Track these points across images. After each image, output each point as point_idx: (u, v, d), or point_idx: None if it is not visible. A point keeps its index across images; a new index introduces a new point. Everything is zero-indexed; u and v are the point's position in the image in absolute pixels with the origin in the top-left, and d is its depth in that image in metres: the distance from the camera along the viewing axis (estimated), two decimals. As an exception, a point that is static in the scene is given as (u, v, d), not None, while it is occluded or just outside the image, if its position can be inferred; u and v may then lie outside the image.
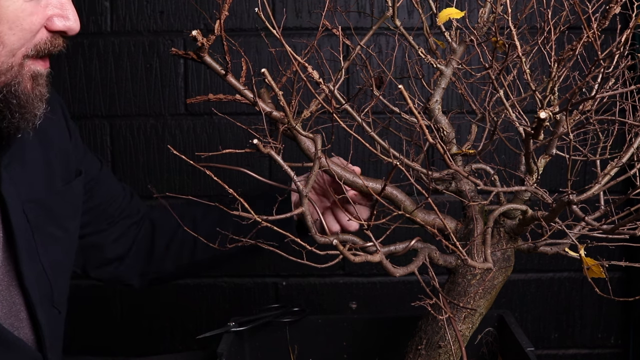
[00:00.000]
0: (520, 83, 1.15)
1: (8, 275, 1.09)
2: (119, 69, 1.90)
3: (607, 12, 0.89)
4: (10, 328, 1.10)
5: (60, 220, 1.20)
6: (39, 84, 1.04)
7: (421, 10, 1.15)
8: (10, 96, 1.01)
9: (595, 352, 2.02)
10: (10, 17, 0.96)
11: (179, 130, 1.91)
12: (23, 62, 1.00)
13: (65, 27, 1.02)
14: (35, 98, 1.03)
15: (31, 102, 1.03)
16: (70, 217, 1.24)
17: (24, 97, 1.02)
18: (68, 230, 1.23)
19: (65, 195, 1.22)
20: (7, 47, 0.98)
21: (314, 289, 1.98)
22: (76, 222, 1.26)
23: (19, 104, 1.02)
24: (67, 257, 1.23)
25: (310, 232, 0.97)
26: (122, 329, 2.00)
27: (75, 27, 1.03)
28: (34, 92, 1.03)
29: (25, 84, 1.02)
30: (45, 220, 1.16)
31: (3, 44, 0.97)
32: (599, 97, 0.93)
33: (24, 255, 1.10)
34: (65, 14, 1.02)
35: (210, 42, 1.00)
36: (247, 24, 1.88)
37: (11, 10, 0.96)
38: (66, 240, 1.22)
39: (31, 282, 1.11)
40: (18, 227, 1.10)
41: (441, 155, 0.93)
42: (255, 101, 1.03)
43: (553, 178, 1.89)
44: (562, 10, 1.03)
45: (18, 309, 1.11)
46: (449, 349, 1.12)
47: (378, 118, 1.13)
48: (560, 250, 1.08)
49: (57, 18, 1.02)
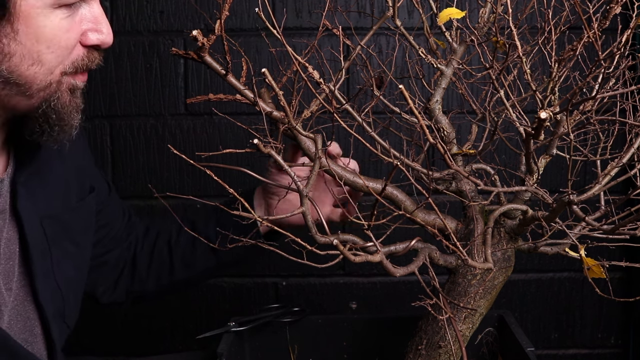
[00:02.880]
0: (521, 83, 1.15)
1: (23, 291, 1.10)
2: (119, 69, 1.90)
3: (608, 12, 0.89)
4: (24, 343, 1.10)
5: (74, 236, 1.21)
6: (76, 96, 1.04)
7: (421, 10, 1.15)
8: (49, 111, 1.01)
9: (595, 352, 2.02)
10: (49, 36, 0.96)
11: (179, 130, 1.91)
12: (61, 79, 1.01)
13: (99, 40, 1.02)
14: (73, 110, 1.04)
15: (69, 114, 1.03)
16: (83, 233, 1.25)
17: (63, 110, 1.02)
18: (80, 246, 1.23)
19: (79, 211, 1.23)
20: (46, 65, 0.98)
21: (314, 289, 1.98)
22: (88, 238, 1.26)
23: (58, 117, 1.02)
24: (79, 273, 1.24)
25: (310, 232, 0.97)
26: (122, 329, 2.00)
27: (108, 40, 1.03)
28: (71, 104, 1.04)
29: (64, 98, 1.02)
30: (61, 235, 1.17)
31: (41, 63, 0.97)
32: (600, 97, 0.93)
33: (39, 271, 1.11)
34: (99, 27, 1.02)
35: (211, 42, 1.00)
36: (247, 24, 1.88)
37: (49, 29, 0.96)
38: (78, 256, 1.23)
39: (46, 298, 1.12)
40: (34, 243, 1.10)
41: (441, 155, 0.93)
42: (256, 101, 1.03)
43: (553, 178, 1.89)
44: (563, 10, 1.03)
45: (32, 324, 1.12)
46: (449, 349, 1.12)
47: (378, 118, 1.13)
48: (560, 250, 1.08)
49: (91, 32, 1.02)
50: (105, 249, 1.34)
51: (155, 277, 1.39)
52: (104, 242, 1.32)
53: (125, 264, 1.38)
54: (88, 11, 1.01)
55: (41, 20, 0.95)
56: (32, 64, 0.96)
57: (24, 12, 0.93)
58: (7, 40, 0.94)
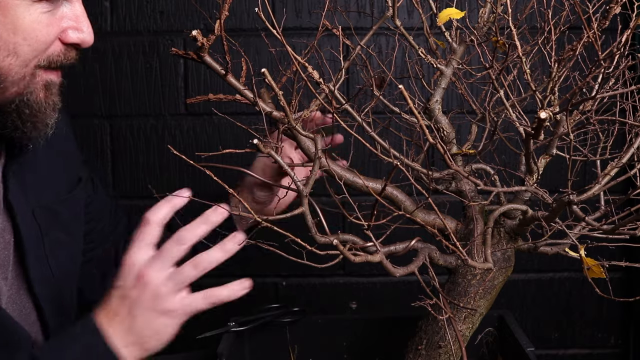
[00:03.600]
0: (521, 83, 1.15)
1: (18, 279, 1.10)
2: (119, 69, 1.90)
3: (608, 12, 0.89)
4: None
5: (66, 226, 1.21)
6: (52, 93, 1.03)
7: (421, 10, 1.15)
8: (22, 106, 1.01)
9: (596, 352, 2.02)
10: (27, 28, 0.96)
11: (179, 130, 1.91)
12: (35, 72, 1.00)
13: (79, 39, 1.02)
14: (48, 107, 1.03)
15: (43, 112, 1.03)
16: (75, 223, 1.25)
17: (36, 106, 1.01)
18: (72, 236, 1.23)
19: (70, 201, 1.23)
20: (21, 57, 0.97)
21: (314, 289, 1.98)
22: (80, 229, 1.27)
23: (31, 114, 1.01)
24: (73, 262, 1.24)
25: (310, 232, 0.97)
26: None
27: (89, 40, 1.03)
28: (47, 101, 1.03)
29: (38, 94, 1.01)
30: (54, 225, 1.17)
31: (17, 55, 0.97)
32: (599, 97, 0.93)
33: (33, 260, 1.11)
34: (80, 26, 1.01)
35: (210, 42, 1.00)
36: (247, 24, 1.88)
37: (27, 21, 0.96)
38: (72, 246, 1.23)
39: (39, 286, 1.11)
40: (27, 233, 1.10)
41: (441, 155, 0.93)
42: (255, 101, 1.03)
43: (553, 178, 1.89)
44: (563, 10, 1.03)
45: (28, 312, 1.12)
46: (449, 349, 1.12)
47: (378, 118, 1.13)
48: (560, 250, 1.08)
49: (72, 30, 1.01)
50: (92, 245, 1.34)
51: None
52: (91, 237, 1.32)
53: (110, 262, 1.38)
54: (70, 9, 1.01)
55: (20, 11, 0.95)
56: (7, 55, 0.96)
57: (2, 2, 0.93)
58: None
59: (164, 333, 1.02)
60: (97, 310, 1.02)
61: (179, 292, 1.02)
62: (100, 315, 1.01)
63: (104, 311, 1.02)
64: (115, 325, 1.00)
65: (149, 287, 1.00)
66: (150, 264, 1.01)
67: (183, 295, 1.02)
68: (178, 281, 1.01)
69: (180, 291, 1.02)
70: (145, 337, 1.01)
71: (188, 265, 1.01)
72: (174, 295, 1.01)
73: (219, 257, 1.02)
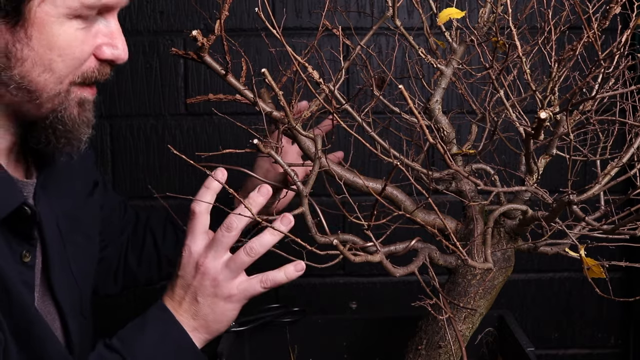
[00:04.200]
0: (521, 83, 1.15)
1: (42, 286, 1.11)
2: (119, 69, 1.89)
3: (608, 12, 0.89)
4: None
5: (85, 229, 1.23)
6: (86, 110, 1.04)
7: (421, 10, 1.15)
8: (56, 122, 1.01)
9: (596, 352, 2.02)
10: (62, 44, 0.96)
11: (179, 130, 1.91)
12: (69, 88, 1.01)
13: (113, 55, 1.02)
14: (82, 124, 1.04)
15: (77, 128, 1.03)
16: (92, 226, 1.27)
17: (70, 122, 1.02)
18: (90, 238, 1.25)
19: (88, 206, 1.26)
20: (56, 74, 0.98)
21: (314, 289, 1.97)
22: (96, 231, 1.29)
23: (65, 130, 1.02)
24: (90, 264, 1.26)
25: (310, 232, 0.98)
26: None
27: (123, 56, 1.03)
28: (81, 117, 1.03)
29: (72, 110, 1.02)
30: (74, 230, 1.19)
31: (52, 71, 0.97)
32: (599, 97, 0.93)
33: (57, 267, 1.12)
34: (114, 42, 1.02)
35: (211, 42, 1.00)
36: (247, 24, 1.88)
37: (62, 38, 0.96)
38: (89, 248, 1.25)
39: (62, 292, 1.13)
40: (51, 240, 1.11)
41: (441, 155, 0.93)
42: (256, 101, 1.03)
43: (553, 178, 1.89)
44: (563, 10, 1.03)
45: (53, 318, 1.13)
46: (449, 349, 1.12)
47: (378, 118, 1.13)
48: (560, 250, 1.08)
49: (106, 47, 1.01)
50: (104, 243, 1.37)
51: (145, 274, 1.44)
52: (102, 237, 1.35)
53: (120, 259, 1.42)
54: (105, 26, 1.02)
55: (55, 28, 0.95)
56: (43, 71, 0.97)
57: (38, 18, 0.94)
58: (20, 45, 0.94)
59: (227, 317, 1.09)
60: (165, 298, 1.09)
61: (236, 278, 1.08)
62: (168, 303, 1.09)
63: (171, 299, 1.09)
64: (182, 312, 1.08)
65: (207, 275, 1.06)
66: (206, 253, 1.07)
67: (241, 280, 1.08)
68: (234, 268, 1.07)
69: (237, 277, 1.08)
70: (209, 322, 1.08)
71: (242, 251, 1.07)
72: (231, 281, 1.07)
73: (271, 241, 1.07)
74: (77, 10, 0.96)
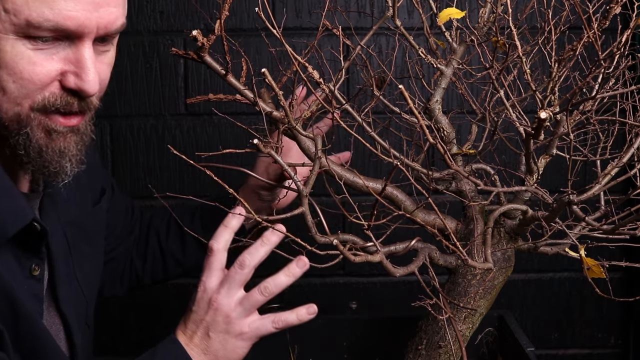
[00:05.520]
0: (521, 83, 1.15)
1: (47, 297, 1.10)
2: (119, 69, 1.90)
3: (608, 12, 0.89)
4: None
5: (90, 237, 1.22)
6: (54, 140, 0.97)
7: (421, 10, 1.15)
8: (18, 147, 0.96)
9: (596, 352, 2.02)
10: (9, 62, 0.91)
11: (179, 130, 1.91)
12: (30, 114, 0.95)
13: (76, 86, 0.95)
14: (54, 154, 0.98)
15: (45, 157, 0.98)
16: (98, 234, 1.26)
17: (37, 149, 0.97)
18: (95, 246, 1.25)
19: (95, 214, 1.25)
20: (8, 94, 0.93)
21: (314, 289, 1.97)
22: (102, 239, 1.29)
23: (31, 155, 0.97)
24: (96, 272, 1.26)
25: (310, 232, 0.98)
26: (122, 330, 2.00)
27: (88, 89, 0.95)
28: (49, 147, 0.97)
29: (37, 137, 0.96)
30: (80, 239, 1.18)
31: (3, 90, 0.93)
32: (600, 97, 0.93)
33: (62, 278, 1.12)
34: (80, 72, 0.94)
35: (211, 42, 1.00)
36: (247, 24, 1.88)
37: (9, 56, 0.91)
38: (94, 256, 1.25)
39: (67, 304, 1.12)
40: (57, 252, 1.11)
41: (441, 155, 0.93)
42: (256, 101, 1.03)
43: (553, 178, 1.89)
44: (563, 10, 1.03)
45: (57, 329, 1.12)
46: (449, 349, 1.12)
47: (378, 118, 1.13)
48: (560, 250, 1.09)
49: (71, 75, 0.95)
50: (110, 247, 1.36)
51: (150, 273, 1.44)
52: (109, 240, 1.34)
53: (126, 261, 1.42)
54: (73, 53, 0.94)
55: (2, 44, 0.91)
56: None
57: None
58: None
59: (237, 354, 1.09)
60: (177, 332, 1.09)
61: (248, 316, 1.08)
62: (179, 337, 1.09)
63: (183, 333, 1.09)
64: (193, 347, 1.08)
65: (219, 312, 1.07)
66: (219, 290, 1.08)
67: (253, 319, 1.09)
68: (247, 306, 1.08)
69: (249, 315, 1.09)
70: (219, 358, 1.08)
71: (256, 290, 1.08)
72: (244, 319, 1.08)
73: (286, 282, 1.08)
74: (23, 28, 0.90)
